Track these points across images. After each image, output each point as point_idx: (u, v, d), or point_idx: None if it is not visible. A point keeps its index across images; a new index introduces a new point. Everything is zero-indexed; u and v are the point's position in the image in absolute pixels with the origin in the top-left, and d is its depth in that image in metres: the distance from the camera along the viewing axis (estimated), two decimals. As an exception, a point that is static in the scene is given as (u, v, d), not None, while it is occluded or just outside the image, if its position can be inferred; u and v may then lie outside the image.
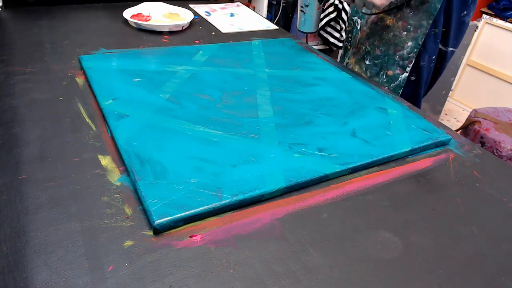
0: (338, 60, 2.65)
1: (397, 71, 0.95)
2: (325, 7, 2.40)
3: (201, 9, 1.23)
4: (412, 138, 0.65)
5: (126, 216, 0.45)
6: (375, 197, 0.53)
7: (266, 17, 2.01)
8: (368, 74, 1.00)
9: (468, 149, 0.67)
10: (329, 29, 2.44)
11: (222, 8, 1.26)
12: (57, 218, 0.44)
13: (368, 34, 0.97)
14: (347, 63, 1.06)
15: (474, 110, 1.61)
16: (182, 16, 1.10)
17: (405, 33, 0.90)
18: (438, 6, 0.86)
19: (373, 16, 0.95)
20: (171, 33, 1.01)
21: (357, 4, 0.80)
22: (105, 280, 0.38)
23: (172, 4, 1.14)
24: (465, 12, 0.92)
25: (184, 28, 1.05)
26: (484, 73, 2.46)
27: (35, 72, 0.74)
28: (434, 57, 0.95)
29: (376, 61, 0.96)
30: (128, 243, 0.42)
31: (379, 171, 0.59)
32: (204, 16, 1.18)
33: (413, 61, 0.93)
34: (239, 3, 1.34)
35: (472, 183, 0.59)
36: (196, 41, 0.98)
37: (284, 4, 2.24)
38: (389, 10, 0.92)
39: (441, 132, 0.68)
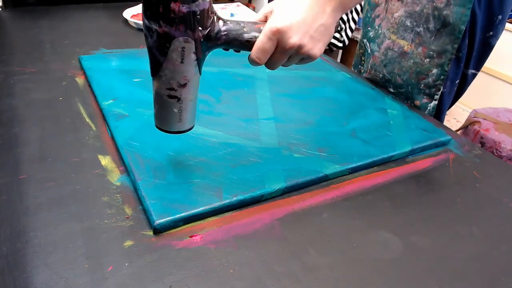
0: (339, 61, 2.65)
1: (425, 100, 0.84)
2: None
3: (201, 9, 1.23)
4: (412, 138, 0.65)
5: (126, 216, 0.45)
6: (375, 197, 0.53)
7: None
8: None
9: (468, 150, 0.67)
10: (329, 29, 2.44)
11: (222, 8, 1.26)
12: (57, 218, 0.44)
13: (383, 61, 0.87)
14: None
15: (474, 110, 1.61)
16: (182, 16, 1.09)
17: (427, 60, 0.80)
18: (463, 28, 0.75)
19: (387, 41, 0.85)
20: (171, 33, 1.01)
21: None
22: (105, 280, 0.38)
23: (172, 4, 1.13)
24: (491, 33, 0.81)
25: (184, 28, 1.04)
26: (484, 74, 2.46)
27: (35, 72, 0.74)
28: (457, 81, 0.85)
29: (400, 90, 0.85)
30: (128, 243, 0.42)
31: (379, 171, 0.59)
32: (204, 16, 1.17)
33: (441, 88, 0.82)
34: (239, 3, 1.34)
35: (472, 183, 0.59)
36: (196, 41, 0.98)
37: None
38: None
39: (441, 132, 0.68)
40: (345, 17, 2.37)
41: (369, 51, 0.91)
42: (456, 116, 2.53)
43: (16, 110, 0.62)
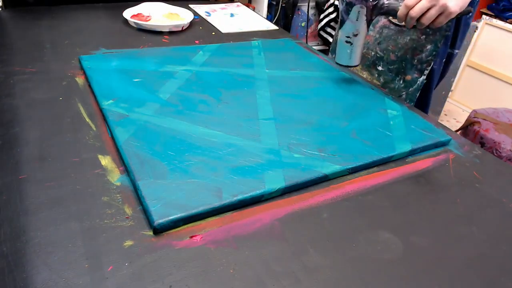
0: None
1: (415, 75, 0.91)
2: (325, 8, 2.40)
3: (201, 9, 1.23)
4: (412, 138, 0.65)
5: (126, 216, 0.45)
6: (375, 197, 0.53)
7: (266, 17, 2.01)
8: (382, 80, 0.96)
9: (467, 150, 0.67)
10: (329, 30, 2.44)
11: (222, 8, 1.26)
12: (57, 218, 0.44)
13: (378, 39, 0.93)
14: None
15: (474, 110, 1.61)
16: (182, 16, 1.10)
17: (424, 36, 0.87)
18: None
19: (383, 20, 0.92)
20: (171, 33, 1.01)
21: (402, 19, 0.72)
22: (105, 280, 0.38)
23: (172, 4, 1.14)
24: (470, 14, 0.89)
25: (184, 28, 1.05)
26: (484, 74, 2.46)
27: (35, 72, 0.74)
28: (444, 59, 0.93)
29: (391, 67, 0.93)
30: (128, 243, 0.42)
31: (379, 171, 0.59)
32: (204, 16, 1.18)
33: (432, 64, 0.91)
34: (239, 3, 1.34)
35: (472, 184, 0.59)
36: (196, 41, 0.98)
37: (283, 5, 2.24)
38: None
39: (441, 132, 0.68)
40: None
41: None
42: (456, 116, 2.53)
43: (16, 110, 0.62)
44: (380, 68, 0.94)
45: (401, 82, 0.94)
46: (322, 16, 2.43)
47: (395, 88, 0.95)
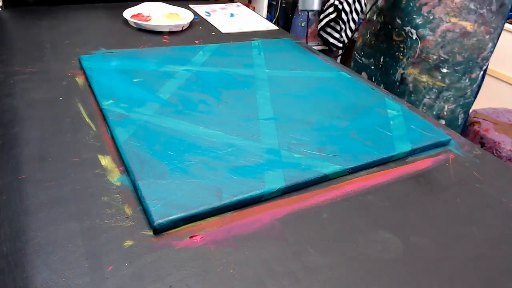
0: (338, 61, 2.65)
1: (477, 72, 0.99)
2: (324, 8, 2.40)
3: (201, 9, 1.23)
4: (412, 138, 0.65)
5: (126, 216, 0.45)
6: (375, 197, 0.53)
7: (266, 17, 2.01)
8: (447, 81, 1.01)
9: (467, 150, 0.67)
10: (329, 30, 2.44)
11: (222, 9, 1.26)
12: (57, 218, 0.44)
13: (440, 43, 0.98)
14: (402, 74, 1.04)
15: (474, 110, 1.61)
16: (182, 16, 1.10)
17: (488, 36, 0.95)
18: (510, 7, 0.93)
19: (446, 24, 0.96)
20: (171, 33, 1.01)
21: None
22: (105, 280, 0.38)
23: (172, 4, 1.14)
24: None
25: (184, 28, 1.05)
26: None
27: (35, 72, 0.74)
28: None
29: (457, 68, 0.99)
30: (128, 243, 0.42)
31: (379, 171, 0.59)
32: (204, 16, 1.18)
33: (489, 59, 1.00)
34: (239, 3, 1.34)
35: (472, 184, 0.59)
36: (196, 41, 0.98)
37: (284, 5, 2.24)
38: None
39: (441, 132, 0.68)
40: (345, 18, 2.37)
41: (414, 37, 1.01)
42: (456, 116, 2.52)
43: (16, 110, 0.62)
44: (444, 70, 0.99)
45: (467, 80, 1.01)
46: (322, 16, 2.43)
47: (461, 87, 1.01)
